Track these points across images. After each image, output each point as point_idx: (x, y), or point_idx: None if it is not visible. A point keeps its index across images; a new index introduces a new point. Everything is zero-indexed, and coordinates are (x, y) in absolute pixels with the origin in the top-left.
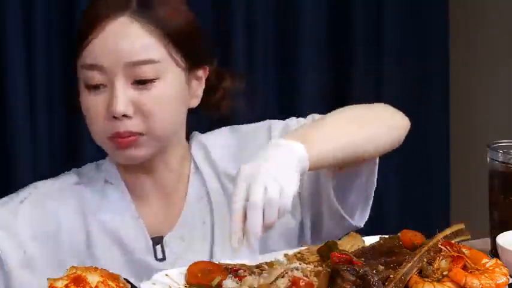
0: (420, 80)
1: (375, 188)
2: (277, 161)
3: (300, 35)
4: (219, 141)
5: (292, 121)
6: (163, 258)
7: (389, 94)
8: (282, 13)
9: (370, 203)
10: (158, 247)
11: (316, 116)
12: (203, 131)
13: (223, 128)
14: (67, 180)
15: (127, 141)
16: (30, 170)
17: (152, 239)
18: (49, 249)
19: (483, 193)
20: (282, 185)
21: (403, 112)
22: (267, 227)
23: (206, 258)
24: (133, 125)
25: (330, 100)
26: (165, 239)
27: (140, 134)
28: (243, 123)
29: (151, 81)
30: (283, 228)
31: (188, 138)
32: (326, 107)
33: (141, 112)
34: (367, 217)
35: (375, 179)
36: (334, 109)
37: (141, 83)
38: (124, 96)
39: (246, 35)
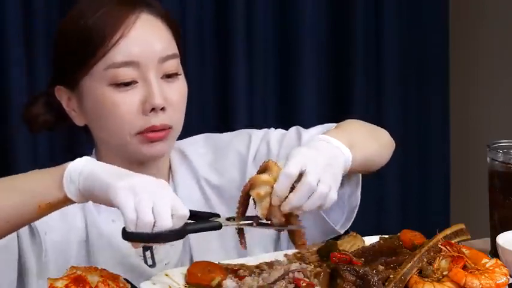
0: (420, 80)
1: (359, 201)
2: (330, 158)
3: (300, 37)
4: (195, 148)
5: (273, 131)
6: (153, 264)
7: (389, 95)
8: (282, 14)
9: (354, 214)
10: (148, 253)
11: (301, 128)
12: None
13: (197, 136)
14: None
15: (161, 134)
16: (30, 169)
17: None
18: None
19: (483, 193)
20: (333, 184)
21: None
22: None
23: (188, 262)
24: (165, 118)
25: (330, 101)
26: (154, 244)
27: (170, 127)
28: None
29: (175, 75)
30: (260, 234)
31: None
32: (326, 108)
33: (170, 105)
34: (349, 225)
35: (359, 193)
36: (334, 110)
37: (168, 76)
38: (159, 89)
39: (246, 36)
